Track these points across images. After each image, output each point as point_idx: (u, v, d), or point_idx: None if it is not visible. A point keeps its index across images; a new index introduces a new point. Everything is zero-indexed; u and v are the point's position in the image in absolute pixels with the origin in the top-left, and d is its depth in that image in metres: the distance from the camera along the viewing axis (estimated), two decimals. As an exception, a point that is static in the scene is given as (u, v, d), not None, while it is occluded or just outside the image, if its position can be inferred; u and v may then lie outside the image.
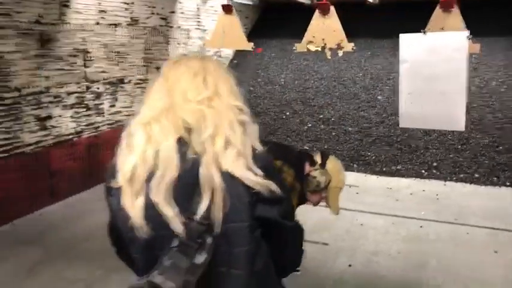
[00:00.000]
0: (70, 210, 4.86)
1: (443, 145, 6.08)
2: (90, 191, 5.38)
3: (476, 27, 3.99)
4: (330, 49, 4.59)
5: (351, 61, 7.36)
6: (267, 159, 1.27)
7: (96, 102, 5.53)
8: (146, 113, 1.25)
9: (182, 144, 1.20)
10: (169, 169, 1.17)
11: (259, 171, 1.21)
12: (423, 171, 5.92)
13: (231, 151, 1.19)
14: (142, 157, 1.19)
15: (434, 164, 5.93)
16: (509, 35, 7.11)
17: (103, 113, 5.63)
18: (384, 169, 6.06)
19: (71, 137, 5.19)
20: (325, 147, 6.40)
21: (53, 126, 4.97)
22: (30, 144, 4.71)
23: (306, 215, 1.71)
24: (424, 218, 4.65)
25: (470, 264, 3.76)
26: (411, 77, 3.97)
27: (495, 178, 5.61)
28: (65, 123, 5.11)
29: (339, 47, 4.59)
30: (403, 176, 5.92)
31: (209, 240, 1.17)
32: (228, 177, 1.18)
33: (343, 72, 7.32)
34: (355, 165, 6.18)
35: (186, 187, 1.18)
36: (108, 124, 5.72)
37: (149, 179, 1.18)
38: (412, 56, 3.96)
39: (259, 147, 1.26)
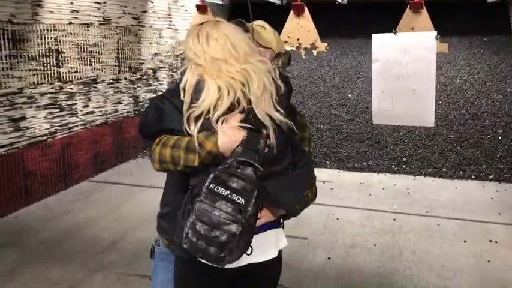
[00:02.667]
0: (46, 211, 4.81)
1: (412, 141, 6.30)
2: (65, 192, 5.34)
3: (441, 28, 4.17)
4: (305, 49, 4.70)
5: (321, 60, 7.52)
6: (289, 103, 1.72)
7: (70, 102, 5.48)
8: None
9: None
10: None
11: (283, 111, 1.60)
12: (393, 166, 6.12)
13: (267, 95, 1.58)
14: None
15: (404, 159, 6.15)
16: (470, 34, 7.42)
17: (76, 113, 5.58)
18: (356, 165, 6.24)
19: (45, 138, 5.13)
20: (298, 144, 6.52)
21: (27, 128, 4.90)
22: (3, 146, 4.63)
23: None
24: (397, 211, 4.83)
25: (442, 254, 3.95)
26: (383, 75, 4.10)
27: (461, 172, 5.87)
28: (39, 124, 5.05)
29: (313, 46, 4.70)
30: (374, 171, 6.11)
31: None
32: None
33: (313, 72, 7.47)
34: (327, 162, 6.34)
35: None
36: (82, 125, 5.67)
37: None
38: (384, 55, 4.09)
39: (283, 88, 1.64)
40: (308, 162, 1.80)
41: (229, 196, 1.46)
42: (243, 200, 1.46)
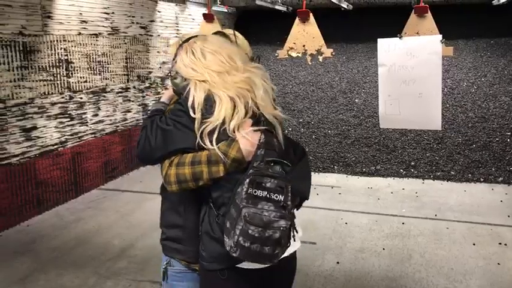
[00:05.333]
0: (58, 219, 4.87)
1: (420, 145, 6.30)
2: (76, 200, 5.41)
3: (446, 31, 4.19)
4: (311, 55, 4.74)
5: (328, 66, 7.55)
6: None
7: (79, 111, 5.55)
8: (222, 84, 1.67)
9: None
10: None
11: (280, 109, 1.79)
12: (402, 170, 6.13)
13: (268, 98, 1.73)
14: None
15: (412, 163, 6.15)
16: (477, 37, 7.43)
17: (86, 122, 5.66)
18: (364, 169, 6.25)
19: (56, 147, 5.20)
20: (306, 149, 6.55)
21: (38, 137, 4.97)
22: (16, 155, 4.70)
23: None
24: (406, 215, 4.84)
25: (451, 257, 3.95)
26: (389, 80, 4.12)
27: (470, 175, 5.86)
28: (50, 133, 5.12)
29: (319, 52, 4.74)
30: (382, 175, 6.12)
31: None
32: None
33: (320, 77, 7.50)
34: (335, 167, 6.35)
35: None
36: (92, 133, 5.74)
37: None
38: (389, 59, 4.11)
39: (275, 88, 1.83)
40: (303, 150, 1.89)
41: (268, 196, 1.55)
42: (281, 196, 1.56)
